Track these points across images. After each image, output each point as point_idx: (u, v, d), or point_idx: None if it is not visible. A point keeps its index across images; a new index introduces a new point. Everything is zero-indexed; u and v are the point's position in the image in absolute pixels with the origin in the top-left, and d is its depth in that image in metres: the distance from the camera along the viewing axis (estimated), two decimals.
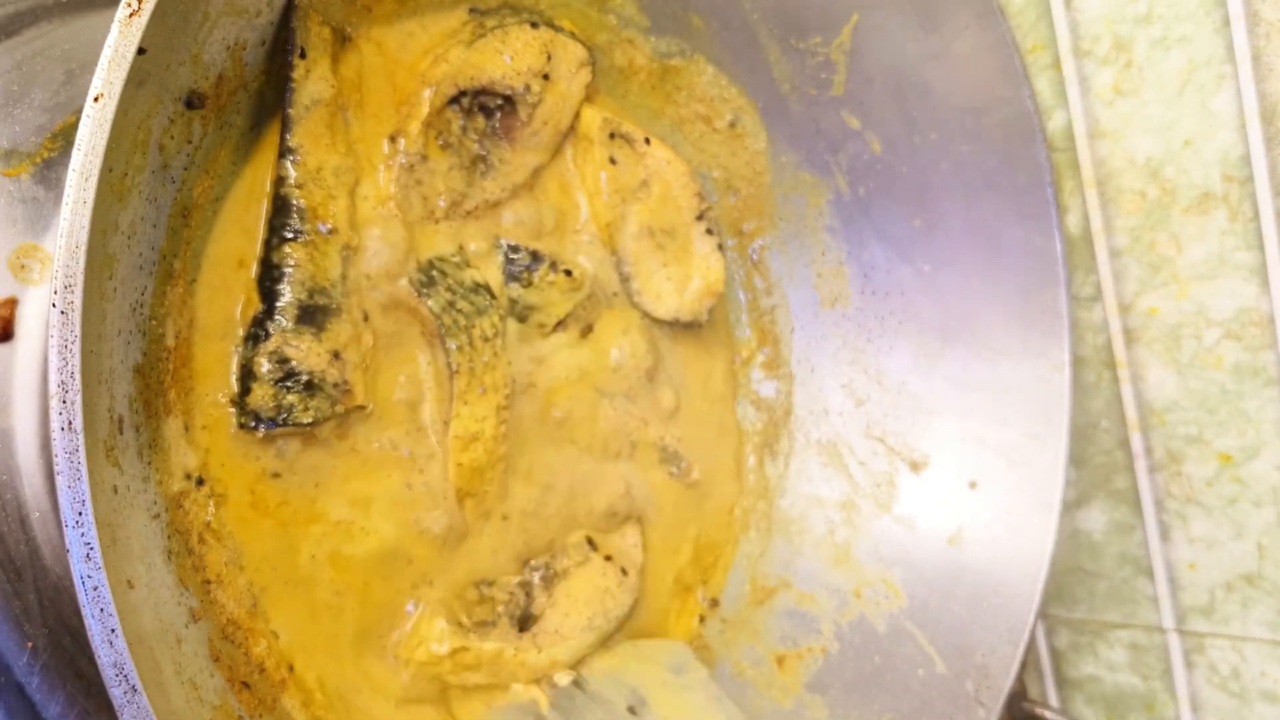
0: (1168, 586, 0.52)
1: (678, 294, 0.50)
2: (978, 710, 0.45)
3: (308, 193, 0.38)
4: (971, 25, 0.45)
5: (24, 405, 0.34)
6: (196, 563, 0.34)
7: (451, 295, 0.42)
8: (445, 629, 0.41)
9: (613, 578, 0.46)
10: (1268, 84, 0.44)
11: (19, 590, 0.34)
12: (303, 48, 0.37)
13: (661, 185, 0.49)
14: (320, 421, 0.38)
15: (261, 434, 0.37)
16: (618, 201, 0.48)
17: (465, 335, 0.42)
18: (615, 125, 0.47)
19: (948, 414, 0.50)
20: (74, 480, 0.26)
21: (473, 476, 0.42)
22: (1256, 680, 0.50)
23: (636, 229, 0.48)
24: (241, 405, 0.36)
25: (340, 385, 0.38)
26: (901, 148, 0.48)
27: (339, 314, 0.38)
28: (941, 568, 0.48)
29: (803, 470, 0.53)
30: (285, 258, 0.37)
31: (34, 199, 0.35)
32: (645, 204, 0.49)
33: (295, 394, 0.37)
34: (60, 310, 0.26)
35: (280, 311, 0.37)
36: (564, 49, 0.45)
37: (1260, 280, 0.46)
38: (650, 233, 0.49)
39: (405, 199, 0.41)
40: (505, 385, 0.43)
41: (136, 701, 0.26)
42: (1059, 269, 0.47)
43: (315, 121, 0.38)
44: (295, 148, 0.38)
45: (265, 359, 0.36)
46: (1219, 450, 0.49)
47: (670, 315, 0.50)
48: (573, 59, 0.45)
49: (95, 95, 0.27)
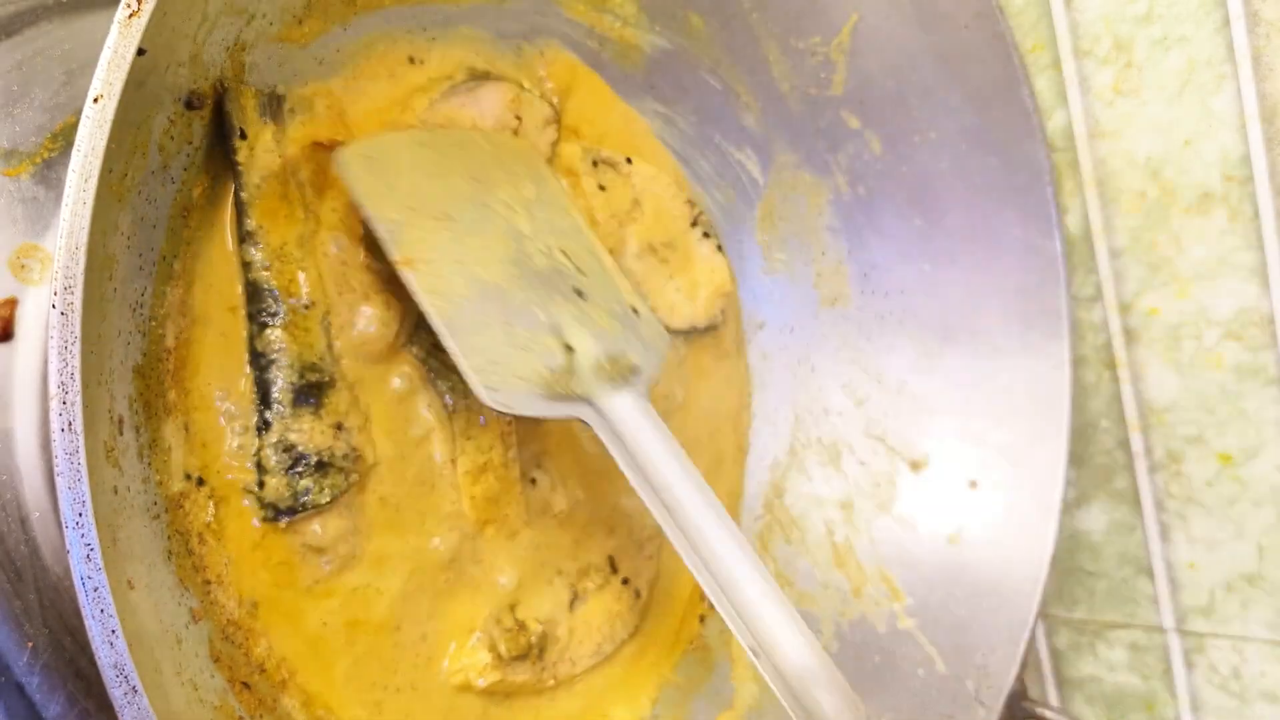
0: (1168, 586, 0.52)
1: (689, 302, 0.50)
2: (978, 710, 0.45)
3: (277, 273, 0.37)
4: (971, 25, 0.45)
5: (24, 405, 0.34)
6: (197, 563, 0.34)
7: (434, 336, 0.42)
8: (488, 662, 0.41)
9: (626, 602, 0.47)
10: (1268, 84, 0.44)
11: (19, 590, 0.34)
12: (241, 128, 0.36)
13: (652, 201, 0.49)
14: (338, 497, 0.38)
15: (284, 525, 0.37)
16: (615, 226, 0.48)
17: (456, 373, 0.42)
18: (595, 152, 0.48)
19: (948, 414, 0.50)
20: (74, 481, 0.26)
21: (488, 506, 0.42)
22: (1256, 680, 0.50)
23: (637, 249, 0.49)
24: (260, 499, 0.36)
25: (350, 455, 0.38)
26: (901, 148, 0.48)
27: (333, 385, 0.38)
28: (941, 568, 0.48)
29: (803, 470, 0.53)
30: (269, 344, 0.37)
31: (34, 199, 0.35)
32: (640, 223, 0.49)
33: (309, 477, 0.37)
34: (60, 311, 0.26)
35: (276, 399, 0.37)
36: (530, 106, 0.45)
37: (1260, 280, 0.46)
38: (652, 249, 0.49)
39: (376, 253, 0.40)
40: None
41: (137, 702, 0.26)
42: (1059, 269, 0.47)
43: (269, 197, 0.37)
44: (255, 230, 0.37)
45: (271, 450, 0.36)
46: (1219, 450, 0.49)
47: (686, 324, 0.50)
48: (539, 116, 0.46)
49: (95, 96, 0.27)
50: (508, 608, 0.43)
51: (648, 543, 0.49)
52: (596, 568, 0.46)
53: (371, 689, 0.39)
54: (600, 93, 0.50)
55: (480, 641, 0.41)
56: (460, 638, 0.42)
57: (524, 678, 0.42)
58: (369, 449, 0.39)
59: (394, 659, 0.40)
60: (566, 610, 0.45)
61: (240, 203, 0.36)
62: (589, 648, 0.45)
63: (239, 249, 0.37)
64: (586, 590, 0.46)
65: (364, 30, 0.41)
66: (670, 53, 0.49)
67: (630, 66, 0.50)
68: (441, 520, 0.41)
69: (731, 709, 0.48)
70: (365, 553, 0.39)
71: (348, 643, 0.39)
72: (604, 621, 0.46)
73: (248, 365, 0.37)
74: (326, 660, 0.38)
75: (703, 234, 0.50)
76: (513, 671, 0.42)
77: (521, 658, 0.42)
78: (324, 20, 0.40)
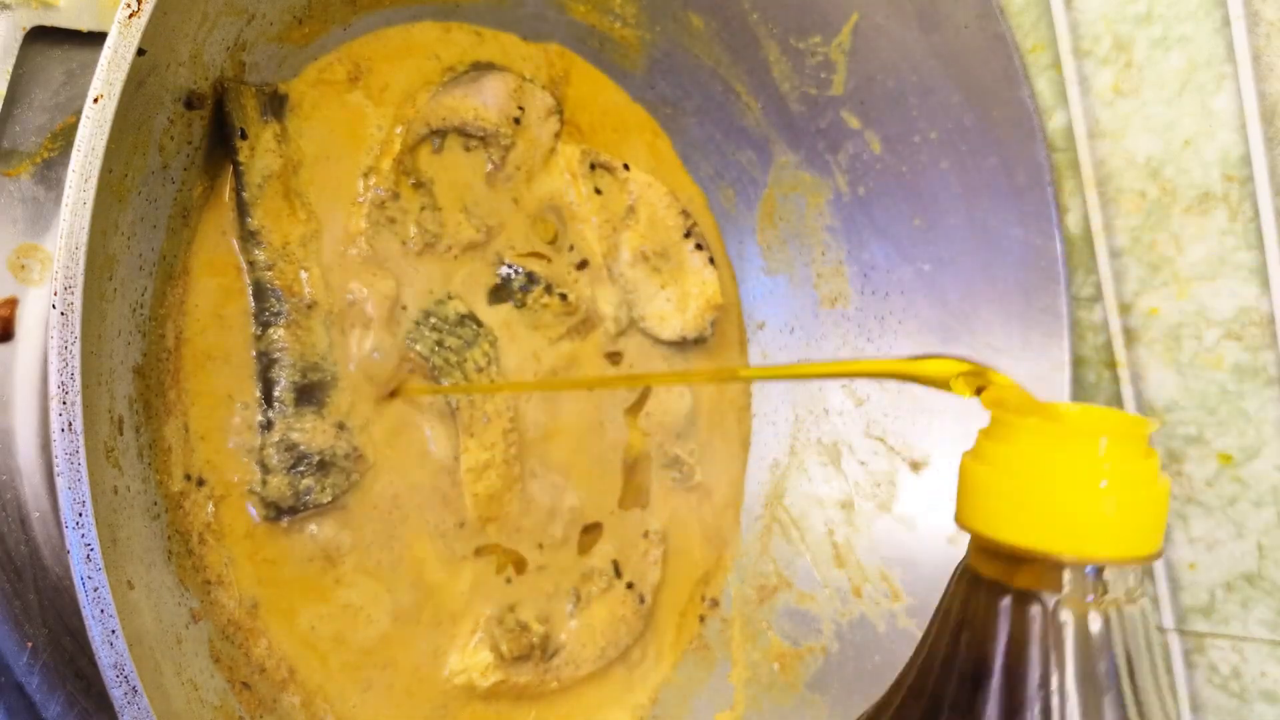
0: (1168, 586, 0.52)
1: (680, 313, 0.50)
2: None
3: (279, 272, 0.37)
4: (971, 25, 0.45)
5: (24, 405, 0.34)
6: (197, 563, 0.34)
7: (438, 334, 0.41)
8: (490, 662, 0.41)
9: (630, 606, 0.47)
10: (1268, 84, 0.44)
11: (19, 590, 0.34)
12: (241, 128, 0.36)
13: (647, 209, 0.49)
14: (340, 496, 0.38)
15: (285, 524, 0.37)
16: (609, 231, 0.48)
17: (459, 371, 0.42)
18: (594, 155, 0.48)
19: (948, 414, 0.50)
20: (74, 481, 0.26)
21: (490, 503, 0.42)
22: (1256, 680, 0.50)
23: (630, 256, 0.49)
24: (261, 498, 0.36)
25: (351, 454, 0.38)
26: (901, 148, 0.48)
27: (336, 384, 0.38)
28: (942, 567, 0.47)
29: (803, 470, 0.53)
30: (272, 344, 0.37)
31: (34, 199, 0.35)
32: (635, 230, 0.49)
33: (310, 476, 0.37)
34: (60, 311, 0.26)
35: (279, 399, 0.37)
36: (533, 97, 0.45)
37: (1260, 280, 0.46)
38: (644, 257, 0.49)
39: (376, 235, 0.40)
40: (508, 408, 0.43)
41: (137, 702, 0.26)
42: (1059, 269, 0.47)
43: (271, 197, 0.37)
44: (257, 230, 0.37)
45: (274, 450, 0.36)
46: (1219, 450, 0.49)
47: (676, 335, 0.50)
48: (541, 107, 0.46)
49: (95, 96, 0.27)
50: (509, 608, 0.43)
51: (652, 548, 0.49)
52: (600, 571, 0.46)
53: (372, 689, 0.39)
54: (602, 88, 0.50)
55: (482, 641, 0.41)
56: (462, 638, 0.42)
57: (526, 679, 0.42)
58: (370, 448, 0.39)
59: (395, 659, 0.40)
60: (569, 613, 0.45)
61: (242, 203, 0.37)
62: (592, 651, 0.45)
63: (242, 249, 0.37)
64: (590, 593, 0.46)
65: (364, 30, 0.41)
66: (670, 53, 0.49)
67: (630, 66, 0.50)
68: (444, 518, 0.41)
69: (731, 709, 0.48)
70: (366, 552, 0.39)
71: (349, 643, 0.39)
72: (608, 625, 0.46)
73: (249, 365, 0.37)
74: (327, 661, 0.38)
75: (695, 245, 0.51)
76: (515, 672, 0.42)
77: (524, 659, 0.42)
78: (324, 20, 0.40)
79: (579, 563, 0.46)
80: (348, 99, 0.40)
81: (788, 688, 0.48)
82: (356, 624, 0.39)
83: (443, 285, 0.42)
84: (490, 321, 0.44)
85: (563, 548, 0.45)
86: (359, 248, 0.40)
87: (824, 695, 0.47)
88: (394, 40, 0.42)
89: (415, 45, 0.43)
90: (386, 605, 0.40)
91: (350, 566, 0.39)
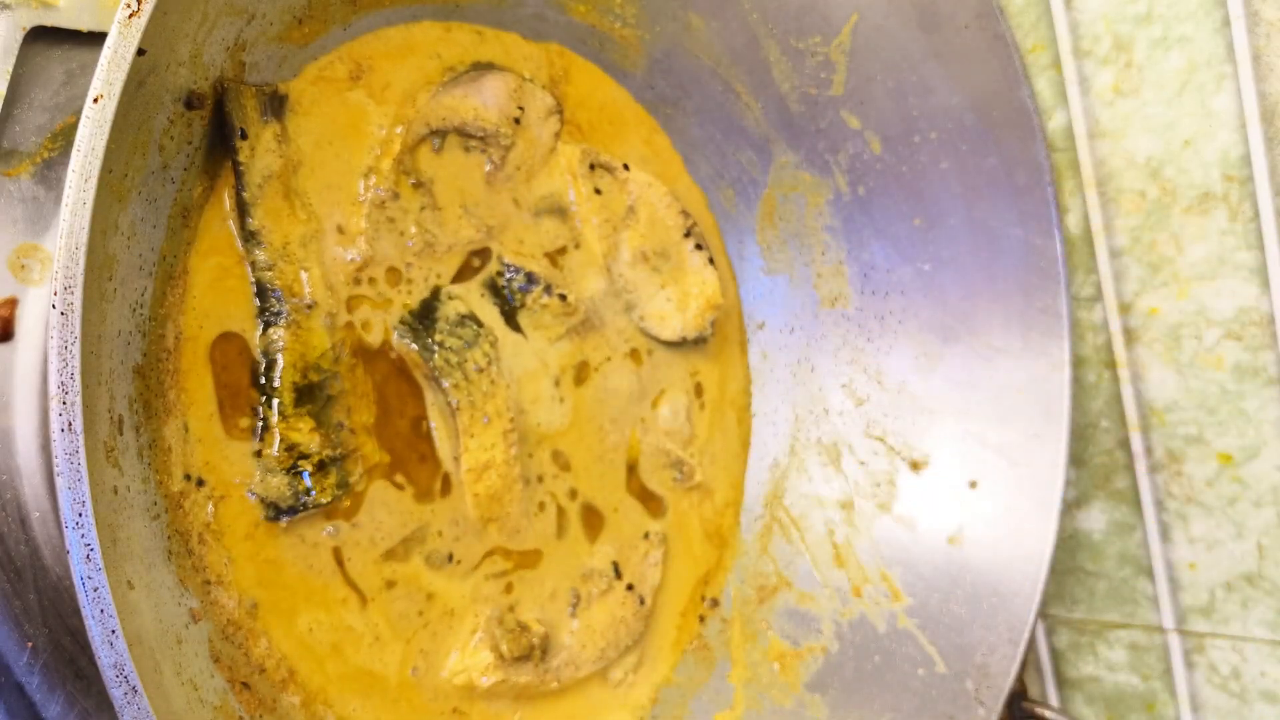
0: (1168, 586, 0.52)
1: (680, 313, 0.50)
2: (978, 710, 0.45)
3: (280, 272, 0.37)
4: (971, 25, 0.45)
5: (24, 405, 0.34)
6: (196, 563, 0.34)
7: (439, 335, 0.41)
8: (490, 662, 0.41)
9: (630, 607, 0.47)
10: (1268, 84, 0.44)
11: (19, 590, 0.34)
12: (241, 128, 0.36)
13: (647, 209, 0.49)
14: (340, 496, 0.38)
15: (284, 524, 0.37)
16: (609, 231, 0.48)
17: (459, 371, 0.42)
18: (594, 155, 0.48)
19: (948, 414, 0.50)
20: (74, 481, 0.26)
21: (491, 503, 0.42)
22: (1256, 680, 0.50)
23: (630, 256, 0.49)
24: (261, 499, 0.36)
25: (352, 455, 0.38)
26: (901, 148, 0.48)
27: (336, 384, 0.38)
28: (941, 567, 0.48)
29: (803, 470, 0.53)
30: (272, 344, 0.37)
31: (34, 199, 0.35)
32: (635, 230, 0.49)
33: (310, 477, 0.37)
34: (60, 311, 0.26)
35: (278, 399, 0.37)
36: (533, 97, 0.45)
37: (1260, 280, 0.46)
38: (645, 257, 0.49)
39: (376, 234, 0.41)
40: (508, 409, 0.43)
41: (137, 702, 0.26)
42: (1059, 269, 0.47)
43: (271, 197, 0.37)
44: (257, 230, 0.37)
45: (273, 450, 0.36)
46: (1219, 450, 0.49)
47: (676, 336, 0.50)
48: (541, 107, 0.46)
49: (95, 96, 0.27)
50: (509, 608, 0.43)
51: (653, 549, 0.49)
52: (600, 572, 0.46)
53: (372, 689, 0.39)
54: (602, 88, 0.50)
55: (482, 641, 0.41)
56: (462, 638, 0.42)
57: (526, 679, 0.42)
58: (371, 448, 0.39)
59: (396, 659, 0.40)
60: (569, 614, 0.45)
61: (242, 203, 0.36)
62: (592, 652, 0.45)
63: (242, 249, 0.37)
64: (590, 594, 0.46)
65: (364, 30, 0.41)
66: (670, 52, 0.49)
67: (630, 66, 0.50)
68: (444, 518, 0.41)
69: (731, 709, 0.48)
70: (367, 552, 0.39)
71: (348, 642, 0.39)
72: (608, 626, 0.46)
73: (249, 365, 0.37)
74: (326, 661, 0.38)
75: (695, 245, 0.51)
76: (515, 672, 0.42)
77: (524, 659, 0.42)
78: (324, 20, 0.40)
79: (580, 564, 0.46)
80: (348, 98, 0.40)
81: (788, 688, 0.48)
82: (362, 620, 0.39)
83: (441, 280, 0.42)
84: (490, 322, 0.44)
85: (563, 548, 0.45)
86: (359, 248, 0.40)
87: (824, 695, 0.47)
88: (394, 40, 0.42)
89: (416, 44, 0.43)
90: (388, 601, 0.40)
91: (351, 566, 0.39)
